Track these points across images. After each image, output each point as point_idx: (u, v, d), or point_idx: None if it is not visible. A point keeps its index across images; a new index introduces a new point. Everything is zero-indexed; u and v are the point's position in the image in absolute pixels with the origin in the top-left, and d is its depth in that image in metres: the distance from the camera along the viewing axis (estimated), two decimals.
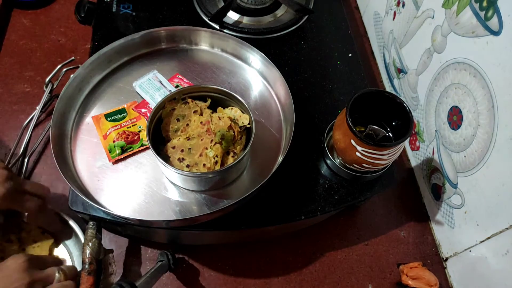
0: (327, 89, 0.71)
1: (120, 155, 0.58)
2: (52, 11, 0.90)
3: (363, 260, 0.69)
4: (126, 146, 0.59)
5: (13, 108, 0.76)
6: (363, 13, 0.99)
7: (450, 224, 0.67)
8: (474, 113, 0.58)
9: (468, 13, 0.58)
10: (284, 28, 0.76)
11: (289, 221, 0.58)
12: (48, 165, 0.71)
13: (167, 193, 0.57)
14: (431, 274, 0.66)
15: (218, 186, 0.57)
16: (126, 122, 0.61)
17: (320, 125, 0.65)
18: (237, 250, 0.67)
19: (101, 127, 0.60)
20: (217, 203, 0.56)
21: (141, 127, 0.61)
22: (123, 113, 0.62)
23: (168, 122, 0.58)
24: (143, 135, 0.60)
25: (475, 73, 0.57)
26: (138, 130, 0.61)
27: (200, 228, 0.56)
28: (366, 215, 0.73)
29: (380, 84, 0.89)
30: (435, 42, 0.67)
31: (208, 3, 0.78)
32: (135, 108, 0.63)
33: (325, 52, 0.75)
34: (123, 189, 0.56)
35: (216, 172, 0.53)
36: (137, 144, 0.59)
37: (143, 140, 0.60)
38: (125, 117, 0.61)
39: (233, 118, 0.57)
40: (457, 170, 0.63)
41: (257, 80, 0.68)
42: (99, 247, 0.55)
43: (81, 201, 0.54)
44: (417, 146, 0.76)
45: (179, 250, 0.65)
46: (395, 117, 0.58)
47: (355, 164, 0.57)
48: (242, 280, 0.65)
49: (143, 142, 0.59)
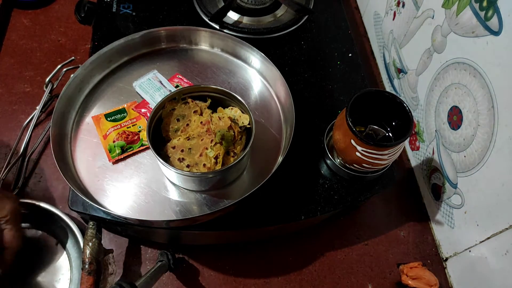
0: (327, 89, 0.71)
1: (120, 155, 0.58)
2: (52, 11, 0.90)
3: (363, 260, 0.69)
4: (126, 146, 0.59)
5: (13, 108, 0.76)
6: (363, 13, 0.99)
7: (450, 224, 0.67)
8: (474, 113, 0.58)
9: (468, 13, 0.58)
10: (284, 28, 0.76)
11: (289, 221, 0.58)
12: (48, 165, 0.71)
13: (167, 193, 0.57)
14: (431, 274, 0.66)
15: (218, 186, 0.57)
16: (126, 122, 0.61)
17: (320, 125, 0.65)
18: (237, 250, 0.67)
19: (101, 127, 0.60)
20: (217, 203, 0.56)
21: (141, 127, 0.61)
22: (123, 113, 0.62)
23: (168, 122, 0.58)
24: (143, 135, 0.60)
25: (475, 73, 0.57)
26: (138, 130, 0.61)
27: (200, 228, 0.56)
28: (366, 215, 0.73)
29: (380, 84, 0.89)
30: (435, 42, 0.67)
31: (208, 3, 0.78)
32: (135, 108, 0.63)
33: (325, 52, 0.75)
34: (123, 189, 0.56)
35: (216, 172, 0.53)
36: (137, 144, 0.59)
37: (143, 140, 0.60)
38: (125, 117, 0.61)
39: (233, 118, 0.57)
40: (457, 170, 0.63)
41: (257, 80, 0.68)
42: (99, 247, 0.55)
43: (81, 201, 0.54)
44: (417, 146, 0.76)
45: (179, 250, 0.65)
46: (395, 117, 0.58)
47: (355, 164, 0.57)
48: (242, 280, 0.65)
49: (143, 142, 0.59)
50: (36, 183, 0.69)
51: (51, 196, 0.68)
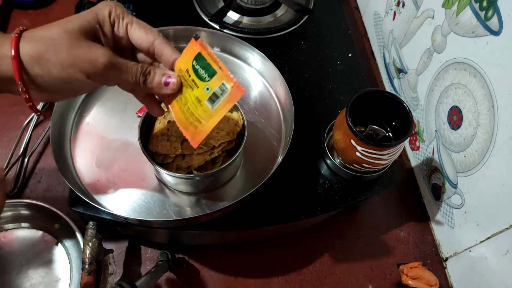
0: (327, 89, 0.71)
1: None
2: (52, 11, 0.90)
3: (363, 260, 0.69)
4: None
5: (13, 109, 0.76)
6: (363, 13, 0.99)
7: (450, 224, 0.67)
8: (474, 113, 0.58)
9: (468, 13, 0.58)
10: (284, 28, 0.76)
11: (289, 221, 0.58)
12: (48, 165, 0.71)
13: (167, 193, 0.57)
14: (431, 274, 0.66)
15: (213, 187, 0.57)
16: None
17: (320, 125, 0.65)
18: (237, 250, 0.67)
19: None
20: (217, 203, 0.56)
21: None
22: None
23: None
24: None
25: (475, 73, 0.57)
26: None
27: (200, 228, 0.56)
28: (366, 215, 0.73)
29: (380, 84, 0.89)
30: (435, 42, 0.67)
31: (208, 3, 0.78)
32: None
33: (325, 52, 0.75)
34: (123, 189, 0.56)
35: (204, 175, 0.53)
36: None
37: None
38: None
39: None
40: (457, 170, 0.63)
41: (257, 80, 0.68)
42: (99, 247, 0.55)
43: (81, 201, 0.54)
44: (417, 146, 0.76)
45: (179, 250, 0.65)
46: (395, 117, 0.58)
47: (355, 164, 0.57)
48: (242, 280, 0.65)
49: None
50: (36, 183, 0.69)
51: (51, 196, 0.68)
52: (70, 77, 0.38)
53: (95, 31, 0.40)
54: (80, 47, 0.38)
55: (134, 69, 0.41)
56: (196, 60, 0.42)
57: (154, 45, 0.43)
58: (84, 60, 0.38)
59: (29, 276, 0.60)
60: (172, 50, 0.43)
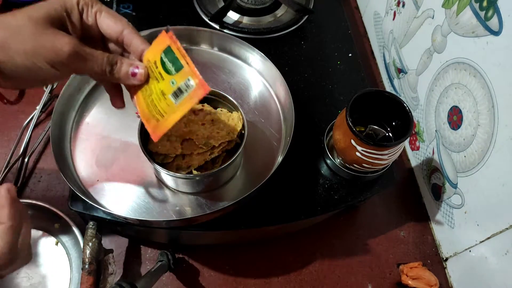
0: (327, 89, 0.71)
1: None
2: None
3: (363, 260, 0.69)
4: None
5: (13, 108, 0.76)
6: (363, 13, 0.99)
7: (450, 224, 0.67)
8: (474, 113, 0.58)
9: (468, 13, 0.58)
10: (284, 28, 0.76)
11: (289, 221, 0.58)
12: (48, 165, 0.71)
13: (167, 193, 0.57)
14: (431, 274, 0.66)
15: (213, 187, 0.57)
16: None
17: (320, 125, 0.65)
18: (237, 250, 0.67)
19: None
20: (217, 203, 0.56)
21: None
22: None
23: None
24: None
25: (475, 73, 0.57)
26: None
27: (200, 228, 0.56)
28: (366, 215, 0.73)
29: (380, 84, 0.89)
30: (435, 42, 0.67)
31: (208, 3, 0.78)
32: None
33: (325, 52, 0.75)
34: (123, 189, 0.56)
35: (204, 175, 0.53)
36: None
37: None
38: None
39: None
40: (457, 170, 0.63)
41: (257, 80, 0.68)
42: (99, 247, 0.55)
43: (81, 201, 0.54)
44: (417, 146, 0.76)
45: (179, 250, 0.65)
46: (395, 117, 0.58)
47: (355, 164, 0.57)
48: (242, 280, 0.65)
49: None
50: (36, 183, 0.69)
51: (51, 196, 0.68)
52: (34, 65, 0.37)
53: (62, 19, 0.39)
54: (44, 35, 0.37)
55: (100, 59, 0.40)
56: (165, 53, 0.42)
57: (123, 34, 0.42)
58: (48, 48, 0.37)
59: (28, 276, 0.60)
60: (141, 40, 0.43)
